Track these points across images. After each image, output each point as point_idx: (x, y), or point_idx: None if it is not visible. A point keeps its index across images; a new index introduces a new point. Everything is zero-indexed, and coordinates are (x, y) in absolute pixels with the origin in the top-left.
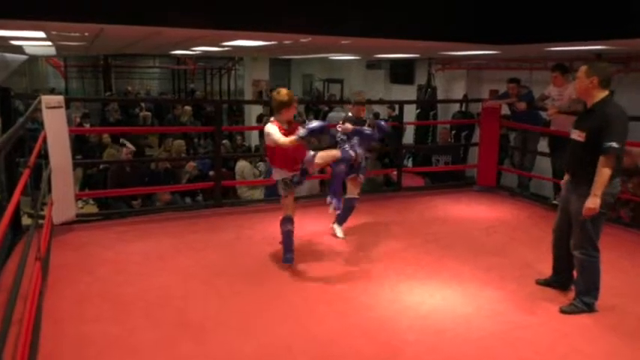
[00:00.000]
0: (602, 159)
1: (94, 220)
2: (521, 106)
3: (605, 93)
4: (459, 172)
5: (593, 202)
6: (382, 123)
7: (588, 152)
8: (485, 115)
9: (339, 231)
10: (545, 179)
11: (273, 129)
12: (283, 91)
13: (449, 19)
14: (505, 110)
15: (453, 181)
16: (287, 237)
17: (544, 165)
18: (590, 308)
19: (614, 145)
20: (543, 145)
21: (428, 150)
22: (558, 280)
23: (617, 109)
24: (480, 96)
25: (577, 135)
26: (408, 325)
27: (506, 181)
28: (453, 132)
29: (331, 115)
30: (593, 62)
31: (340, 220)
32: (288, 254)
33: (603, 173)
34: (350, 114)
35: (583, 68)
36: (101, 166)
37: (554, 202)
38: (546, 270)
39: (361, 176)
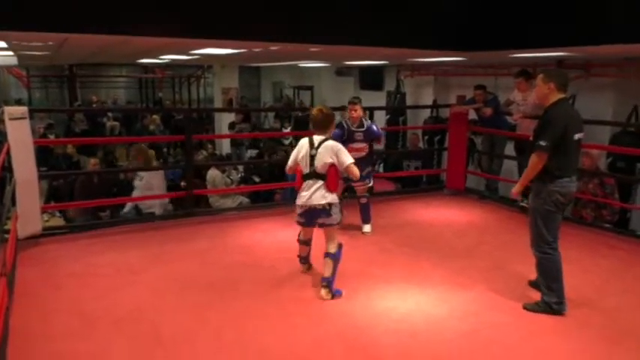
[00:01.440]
0: (532, 154)
1: (60, 233)
2: (488, 111)
3: (559, 96)
4: (432, 177)
5: (514, 188)
6: (374, 127)
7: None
8: (453, 120)
9: (367, 227)
10: (513, 182)
11: (343, 148)
12: (323, 107)
13: (416, 27)
14: (472, 115)
15: (424, 186)
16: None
17: (511, 168)
18: (550, 308)
19: (542, 143)
20: (510, 149)
21: (399, 155)
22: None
23: (560, 111)
24: (448, 102)
25: (531, 136)
26: (384, 329)
27: (472, 184)
28: (426, 137)
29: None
30: (548, 69)
31: (366, 219)
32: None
33: (529, 168)
34: (346, 121)
35: (540, 76)
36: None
37: (522, 204)
38: (515, 271)
39: (367, 180)
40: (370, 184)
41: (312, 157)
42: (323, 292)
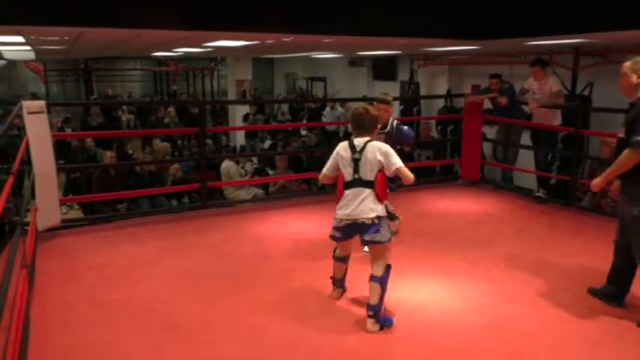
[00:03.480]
0: (625, 150)
1: (79, 225)
2: (503, 100)
3: None
4: (446, 167)
5: (596, 181)
6: (405, 128)
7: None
8: (467, 110)
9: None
10: (529, 172)
11: (391, 149)
12: (368, 106)
13: (429, 16)
14: (487, 105)
15: (437, 176)
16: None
17: (527, 158)
18: None
19: (638, 138)
20: (525, 139)
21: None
22: (606, 291)
23: None
24: (462, 91)
25: (620, 132)
26: (397, 320)
27: (489, 174)
28: (439, 127)
29: (327, 111)
30: (635, 57)
31: None
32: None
33: (619, 162)
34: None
35: (627, 64)
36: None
37: (538, 194)
38: (531, 260)
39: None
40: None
41: (356, 162)
42: (369, 323)
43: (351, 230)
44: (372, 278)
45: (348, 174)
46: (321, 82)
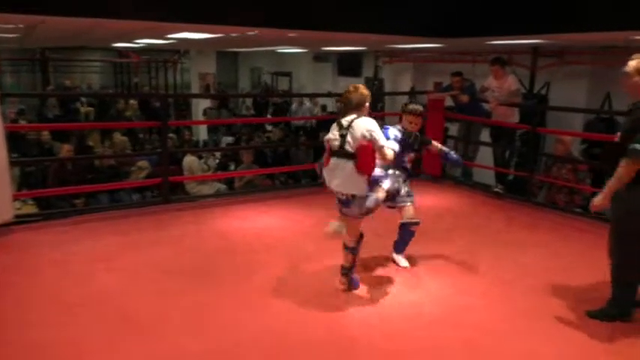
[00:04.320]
0: (622, 160)
1: (34, 220)
2: (464, 98)
3: None
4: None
5: (598, 199)
6: (453, 154)
7: (621, 153)
8: (430, 107)
9: (402, 260)
10: (488, 168)
11: (376, 126)
12: (358, 85)
13: (394, 13)
14: (449, 102)
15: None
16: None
17: (487, 154)
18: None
19: (638, 147)
20: (485, 136)
21: None
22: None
23: None
24: (426, 88)
25: (618, 137)
26: (360, 314)
27: (450, 170)
28: None
29: (294, 107)
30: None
31: (400, 247)
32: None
33: (619, 176)
34: (398, 128)
35: (632, 64)
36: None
37: (496, 189)
38: (488, 255)
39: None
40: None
41: (343, 137)
42: (337, 281)
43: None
44: (344, 247)
45: (334, 147)
46: (286, 77)
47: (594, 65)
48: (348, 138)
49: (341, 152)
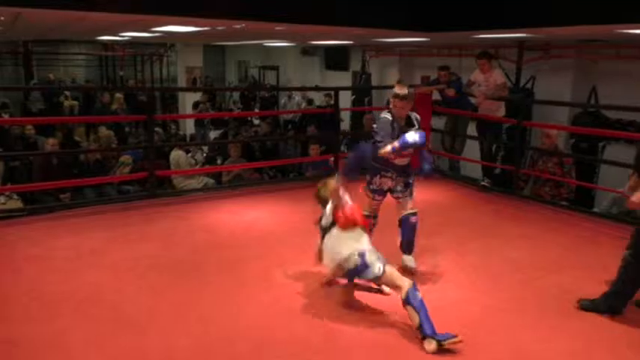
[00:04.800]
0: None
1: (18, 215)
2: (451, 92)
3: None
4: None
5: (637, 196)
6: (427, 165)
7: None
8: (417, 102)
9: (409, 261)
10: (475, 162)
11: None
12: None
13: (380, 7)
14: (436, 96)
15: None
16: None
17: (473, 148)
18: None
19: None
20: (472, 130)
21: (362, 136)
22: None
23: None
24: (413, 82)
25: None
26: (346, 307)
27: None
28: None
29: (284, 101)
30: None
31: (406, 247)
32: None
33: None
34: (387, 115)
35: None
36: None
37: (483, 183)
38: (476, 248)
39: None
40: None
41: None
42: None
43: None
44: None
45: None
46: (274, 70)
47: (580, 59)
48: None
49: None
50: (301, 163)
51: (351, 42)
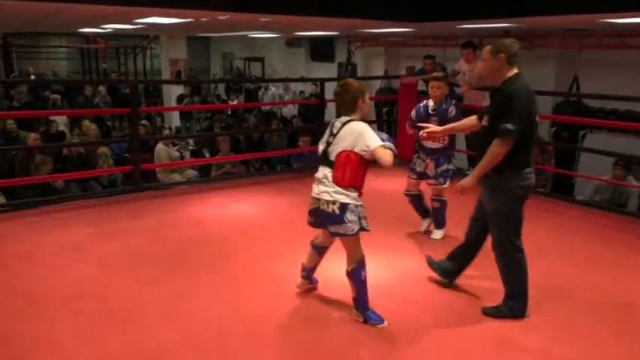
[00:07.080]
0: (494, 140)
1: (2, 211)
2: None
3: (514, 71)
4: None
5: (466, 181)
6: (449, 108)
7: (492, 137)
8: (402, 91)
9: (438, 234)
10: (461, 152)
11: (368, 128)
12: (349, 80)
13: None
14: (421, 86)
15: None
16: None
17: (459, 138)
18: (513, 314)
19: (509, 127)
20: None
21: None
22: (443, 266)
23: (522, 88)
24: (398, 72)
25: (484, 120)
26: (334, 298)
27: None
28: (375, 108)
29: (261, 92)
30: (496, 41)
31: (438, 223)
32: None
33: (490, 154)
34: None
35: (487, 48)
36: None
37: (468, 172)
38: (461, 236)
39: (441, 180)
40: (445, 185)
41: (329, 145)
42: (353, 313)
43: (318, 217)
44: (346, 273)
45: (319, 151)
46: (259, 62)
47: (562, 48)
48: (334, 144)
49: (323, 160)
50: (289, 155)
51: (337, 33)
